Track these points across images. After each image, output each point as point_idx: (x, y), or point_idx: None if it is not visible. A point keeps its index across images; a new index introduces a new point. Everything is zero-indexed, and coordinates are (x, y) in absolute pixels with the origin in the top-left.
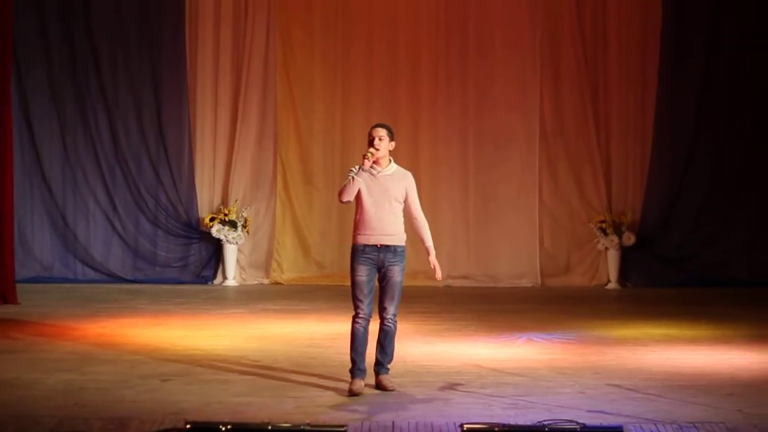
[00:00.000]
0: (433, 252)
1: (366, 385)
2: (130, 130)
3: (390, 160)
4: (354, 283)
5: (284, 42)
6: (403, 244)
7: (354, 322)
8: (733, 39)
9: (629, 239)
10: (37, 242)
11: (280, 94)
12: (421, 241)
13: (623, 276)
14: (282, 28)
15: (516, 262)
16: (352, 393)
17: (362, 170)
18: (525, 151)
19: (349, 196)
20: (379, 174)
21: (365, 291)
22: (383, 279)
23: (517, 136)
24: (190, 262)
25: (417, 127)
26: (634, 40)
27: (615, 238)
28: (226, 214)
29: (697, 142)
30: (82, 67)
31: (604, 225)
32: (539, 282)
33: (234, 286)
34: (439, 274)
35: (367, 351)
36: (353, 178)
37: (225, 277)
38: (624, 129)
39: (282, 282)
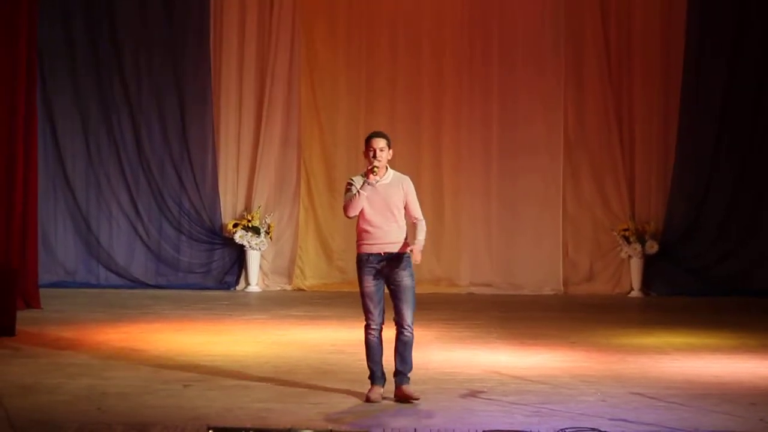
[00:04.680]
0: (419, 244)
1: (386, 390)
2: (153, 134)
3: (387, 168)
4: (363, 294)
5: (309, 47)
6: (408, 251)
7: (367, 332)
8: (756, 51)
9: (652, 247)
10: (60, 247)
11: (304, 100)
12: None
13: (646, 284)
14: (306, 33)
15: (539, 269)
16: (369, 400)
17: (368, 184)
18: (548, 160)
19: (356, 212)
20: (379, 184)
21: (375, 300)
22: (393, 286)
23: (540, 146)
24: (213, 267)
25: (440, 134)
26: (657, 51)
27: (638, 247)
28: (249, 220)
29: (720, 152)
30: (106, 71)
31: (627, 233)
32: (562, 290)
33: (257, 292)
34: (417, 257)
35: (385, 357)
36: (359, 192)
37: (248, 283)
38: (647, 138)
39: (305, 288)
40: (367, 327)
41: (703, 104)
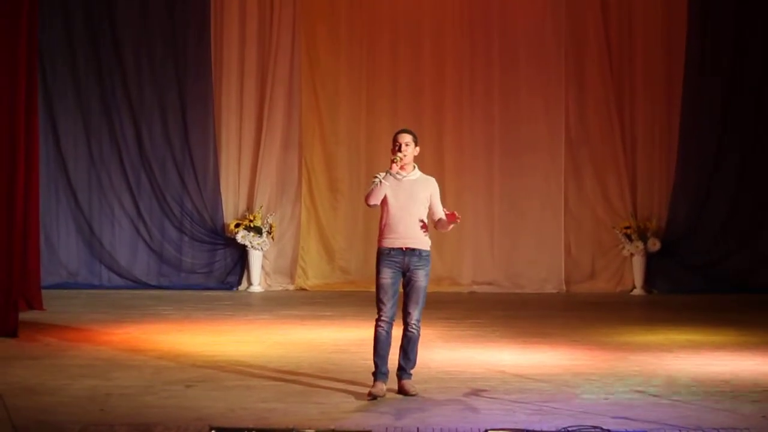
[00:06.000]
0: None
1: (389, 390)
2: (154, 134)
3: (414, 166)
4: (378, 286)
5: (309, 47)
6: (428, 248)
7: (377, 325)
8: (759, 46)
9: (654, 245)
10: (62, 248)
11: (305, 99)
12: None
13: (648, 282)
14: (307, 33)
15: (541, 268)
16: (372, 396)
17: (389, 174)
18: (550, 158)
19: (376, 200)
20: (405, 179)
21: (389, 294)
22: (408, 283)
23: (542, 144)
24: (215, 268)
25: (442, 133)
26: (659, 48)
27: (640, 244)
28: (251, 220)
29: (723, 149)
30: (107, 71)
31: (629, 231)
32: (564, 288)
33: (259, 292)
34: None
35: (391, 355)
36: (380, 181)
37: (250, 283)
38: (649, 135)
39: (307, 288)
40: (378, 320)
41: (706, 101)
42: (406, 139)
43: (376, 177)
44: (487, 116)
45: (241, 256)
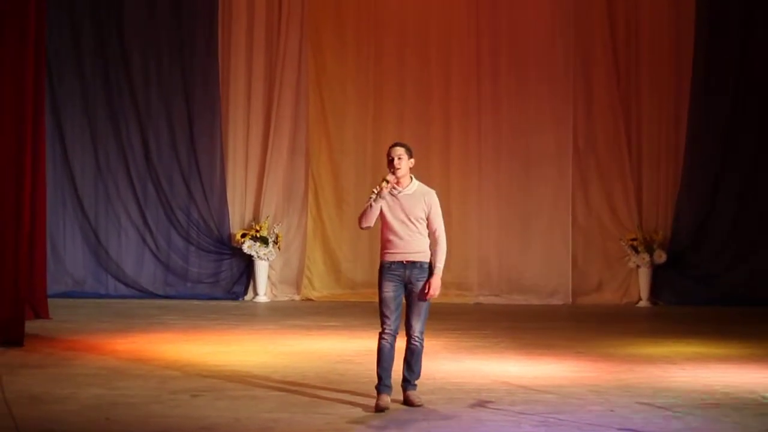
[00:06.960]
0: (437, 274)
1: (393, 401)
2: (162, 145)
3: (411, 178)
4: (380, 299)
5: (316, 55)
6: (429, 260)
7: (380, 338)
8: (764, 63)
9: (660, 257)
10: (69, 257)
11: (312, 109)
12: (432, 260)
13: (654, 294)
14: (314, 41)
15: (547, 279)
16: (378, 408)
17: (379, 197)
18: (557, 169)
19: (369, 223)
20: (400, 194)
21: (392, 307)
22: (410, 295)
23: (549, 155)
24: (221, 278)
25: (449, 142)
26: (666, 61)
27: (646, 256)
28: (257, 231)
29: (728, 162)
30: (115, 79)
31: (635, 243)
32: (570, 300)
33: (265, 303)
34: (431, 294)
35: (395, 366)
36: (371, 204)
37: (256, 294)
38: (655, 148)
39: (313, 298)
40: (382, 333)
41: (711, 115)
42: (398, 152)
43: (374, 192)
44: (494, 126)
45: (247, 266)
